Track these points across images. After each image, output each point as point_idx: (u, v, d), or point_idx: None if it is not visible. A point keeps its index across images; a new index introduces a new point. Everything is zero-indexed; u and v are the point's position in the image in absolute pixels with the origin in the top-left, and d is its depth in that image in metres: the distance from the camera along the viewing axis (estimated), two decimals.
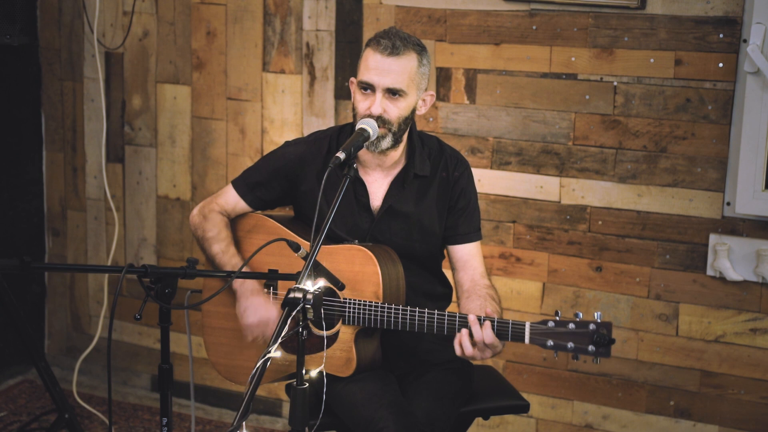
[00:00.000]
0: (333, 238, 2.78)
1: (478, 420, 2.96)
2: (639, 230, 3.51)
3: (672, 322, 3.51)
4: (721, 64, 3.31)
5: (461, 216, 2.84)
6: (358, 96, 2.69)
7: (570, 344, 2.41)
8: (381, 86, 2.64)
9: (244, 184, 2.90)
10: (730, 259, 3.38)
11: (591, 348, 2.40)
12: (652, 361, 3.56)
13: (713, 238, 3.40)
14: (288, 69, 3.90)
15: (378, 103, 2.64)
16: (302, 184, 2.82)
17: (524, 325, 2.46)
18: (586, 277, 3.59)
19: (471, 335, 2.50)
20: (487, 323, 2.48)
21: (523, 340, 2.46)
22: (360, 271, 2.66)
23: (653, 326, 3.54)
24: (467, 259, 2.84)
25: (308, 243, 2.69)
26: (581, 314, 2.43)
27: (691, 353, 3.51)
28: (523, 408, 2.92)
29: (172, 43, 4.08)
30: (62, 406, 3.29)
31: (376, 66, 2.64)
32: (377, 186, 2.81)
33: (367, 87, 2.66)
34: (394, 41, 2.64)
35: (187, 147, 4.12)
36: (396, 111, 2.67)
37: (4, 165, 4.28)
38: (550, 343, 2.43)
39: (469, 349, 2.50)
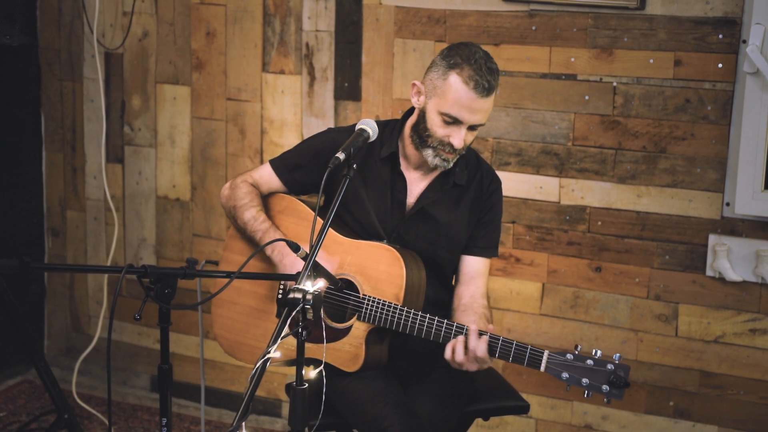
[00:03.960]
0: (365, 226, 2.79)
1: (478, 420, 2.96)
2: (638, 231, 3.51)
3: (671, 322, 3.52)
4: (720, 65, 3.31)
5: (484, 229, 2.85)
6: (436, 120, 2.65)
7: (585, 380, 2.41)
8: (469, 123, 2.64)
9: (282, 165, 2.90)
10: (730, 259, 3.38)
11: (605, 387, 2.40)
12: (652, 361, 3.56)
13: (713, 239, 3.40)
14: (288, 69, 3.90)
15: (462, 138, 2.64)
16: (340, 171, 2.82)
17: (542, 354, 2.46)
18: (585, 278, 3.60)
19: (466, 344, 2.52)
20: (484, 338, 2.50)
21: (539, 367, 2.47)
22: (385, 271, 2.67)
23: (653, 327, 3.54)
24: (474, 276, 2.84)
25: (337, 233, 2.74)
26: (600, 352, 2.43)
27: (690, 354, 3.51)
28: (523, 409, 2.92)
29: (172, 44, 4.08)
30: (62, 406, 3.29)
31: (470, 106, 2.60)
32: (415, 185, 2.82)
33: (453, 120, 2.64)
34: (489, 80, 2.59)
35: (187, 147, 4.13)
36: (471, 138, 2.70)
37: (4, 165, 4.28)
38: (566, 375, 2.43)
39: (460, 356, 2.52)
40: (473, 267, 2.85)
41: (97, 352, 4.29)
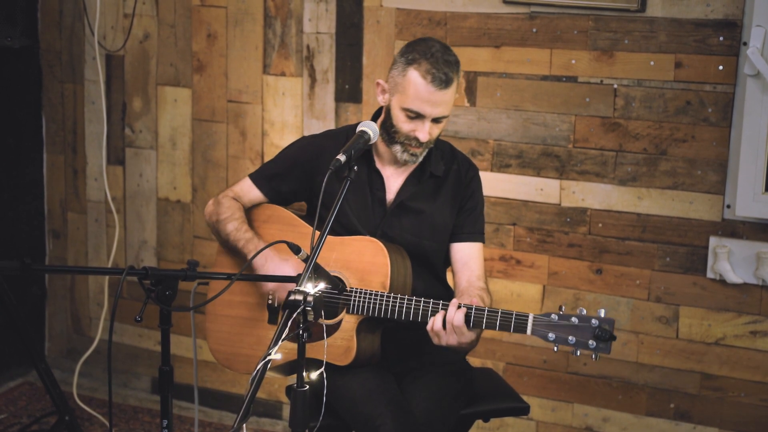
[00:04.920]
0: (346, 227, 2.81)
1: (478, 422, 2.96)
2: (639, 233, 3.51)
3: (672, 324, 3.52)
4: (721, 67, 3.32)
5: (468, 216, 2.87)
6: (401, 116, 2.70)
7: (571, 338, 2.44)
8: (432, 116, 2.68)
9: (261, 177, 2.94)
10: (730, 261, 3.38)
11: (592, 343, 2.42)
12: (653, 363, 3.56)
13: (713, 241, 3.40)
14: (288, 71, 3.90)
15: (427, 131, 2.69)
16: (318, 175, 2.85)
17: (527, 317, 2.49)
18: (586, 280, 3.60)
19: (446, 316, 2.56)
20: (463, 309, 2.53)
21: (525, 331, 2.49)
22: (370, 261, 2.70)
23: (653, 329, 3.54)
24: (467, 261, 2.87)
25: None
26: (584, 310, 2.45)
27: (691, 356, 3.51)
28: (523, 410, 2.93)
29: (173, 46, 4.08)
30: (62, 408, 3.29)
31: (429, 99, 2.65)
32: (393, 180, 2.85)
33: (416, 114, 2.68)
34: (446, 72, 2.65)
35: (188, 149, 4.13)
36: (438, 131, 2.74)
37: (5, 166, 4.29)
38: (552, 336, 2.46)
39: (438, 324, 2.54)
40: (464, 252, 2.87)
41: (98, 353, 4.29)
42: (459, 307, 2.54)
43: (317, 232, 2.42)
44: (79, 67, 4.28)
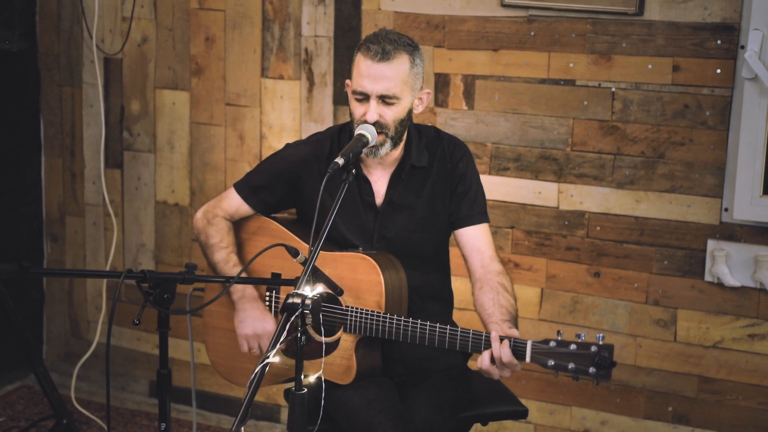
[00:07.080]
0: (339, 241, 2.79)
1: (477, 425, 2.96)
2: (637, 236, 3.51)
3: (670, 327, 3.52)
4: (718, 70, 3.32)
5: (462, 200, 2.81)
6: (353, 103, 2.69)
7: (571, 365, 2.41)
8: (375, 93, 2.63)
9: (247, 188, 2.90)
10: (728, 264, 3.38)
11: (592, 370, 2.40)
12: (651, 366, 3.56)
13: (711, 244, 3.41)
14: (287, 75, 3.90)
15: (373, 111, 2.64)
16: (305, 186, 2.83)
17: (525, 344, 2.46)
18: (584, 283, 3.60)
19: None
20: (506, 342, 2.47)
21: (524, 359, 2.46)
22: (363, 279, 2.66)
23: (651, 332, 3.54)
24: (473, 243, 2.80)
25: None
26: (583, 335, 2.43)
27: (689, 359, 3.51)
28: (521, 414, 2.92)
29: (171, 49, 4.08)
30: (60, 411, 3.29)
31: (368, 73, 2.62)
32: (381, 184, 2.82)
33: (361, 94, 2.65)
34: (383, 45, 2.61)
35: (186, 152, 4.13)
36: (391, 115, 2.66)
37: (3, 170, 4.28)
38: (551, 363, 2.43)
39: (486, 364, 2.50)
40: (469, 236, 2.81)
41: (96, 357, 4.28)
42: (501, 340, 2.47)
43: (317, 234, 2.41)
44: (78, 70, 4.28)
